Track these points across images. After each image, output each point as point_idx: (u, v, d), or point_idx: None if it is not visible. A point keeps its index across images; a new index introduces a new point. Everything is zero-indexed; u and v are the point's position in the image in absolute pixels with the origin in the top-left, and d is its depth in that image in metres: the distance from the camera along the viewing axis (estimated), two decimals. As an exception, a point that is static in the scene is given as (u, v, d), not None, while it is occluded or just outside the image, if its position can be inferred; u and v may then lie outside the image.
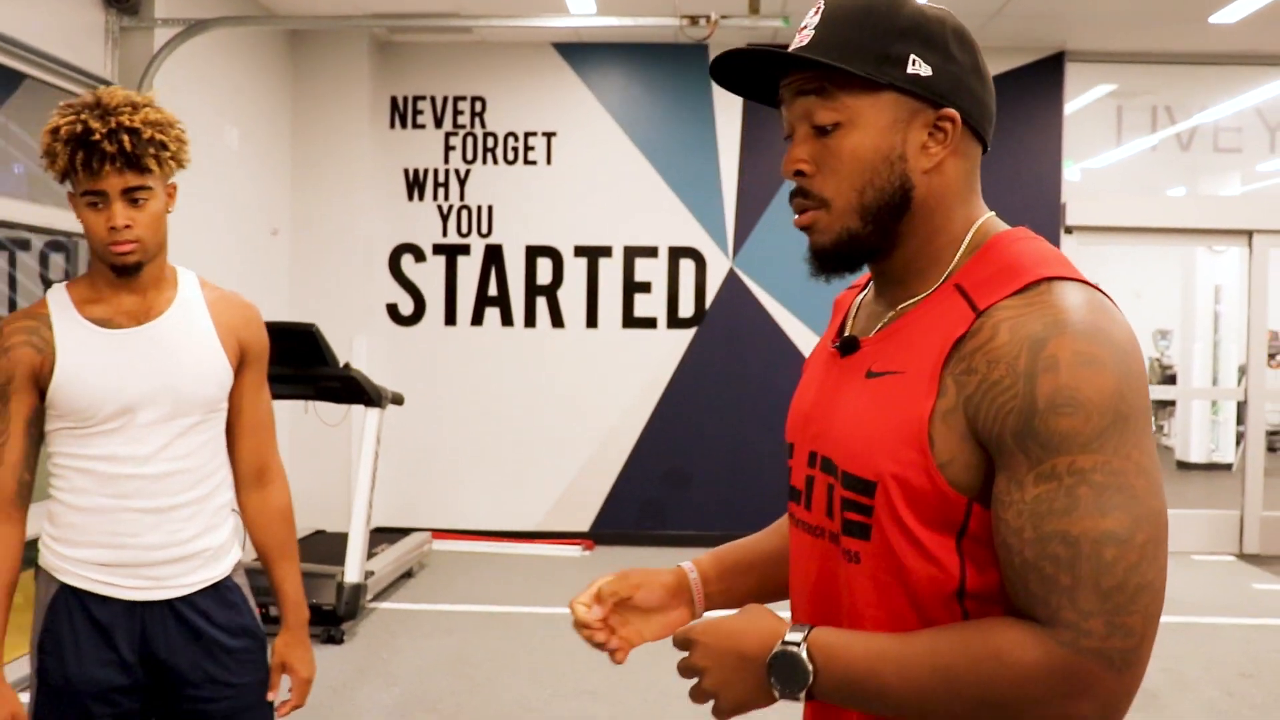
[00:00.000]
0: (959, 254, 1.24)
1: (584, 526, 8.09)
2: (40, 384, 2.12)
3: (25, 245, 6.35)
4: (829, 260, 1.26)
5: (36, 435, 2.18)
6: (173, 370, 2.17)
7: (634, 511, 8.05)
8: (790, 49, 1.24)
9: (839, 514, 1.24)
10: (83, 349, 2.13)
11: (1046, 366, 1.10)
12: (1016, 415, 1.10)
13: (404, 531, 7.27)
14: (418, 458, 7.91)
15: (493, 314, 8.09)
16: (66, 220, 5.45)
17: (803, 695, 1.16)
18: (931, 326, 1.20)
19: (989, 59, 1.28)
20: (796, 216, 1.28)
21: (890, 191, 1.22)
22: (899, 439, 1.17)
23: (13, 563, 2.18)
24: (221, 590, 2.27)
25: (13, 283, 5.51)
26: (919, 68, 1.21)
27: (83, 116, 2.08)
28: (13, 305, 5.43)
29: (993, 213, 1.29)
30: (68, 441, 2.16)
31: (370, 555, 6.13)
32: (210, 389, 2.21)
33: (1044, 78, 7.84)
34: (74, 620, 2.16)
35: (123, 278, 2.15)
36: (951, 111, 1.22)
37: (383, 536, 6.96)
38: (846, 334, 1.35)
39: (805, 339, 7.91)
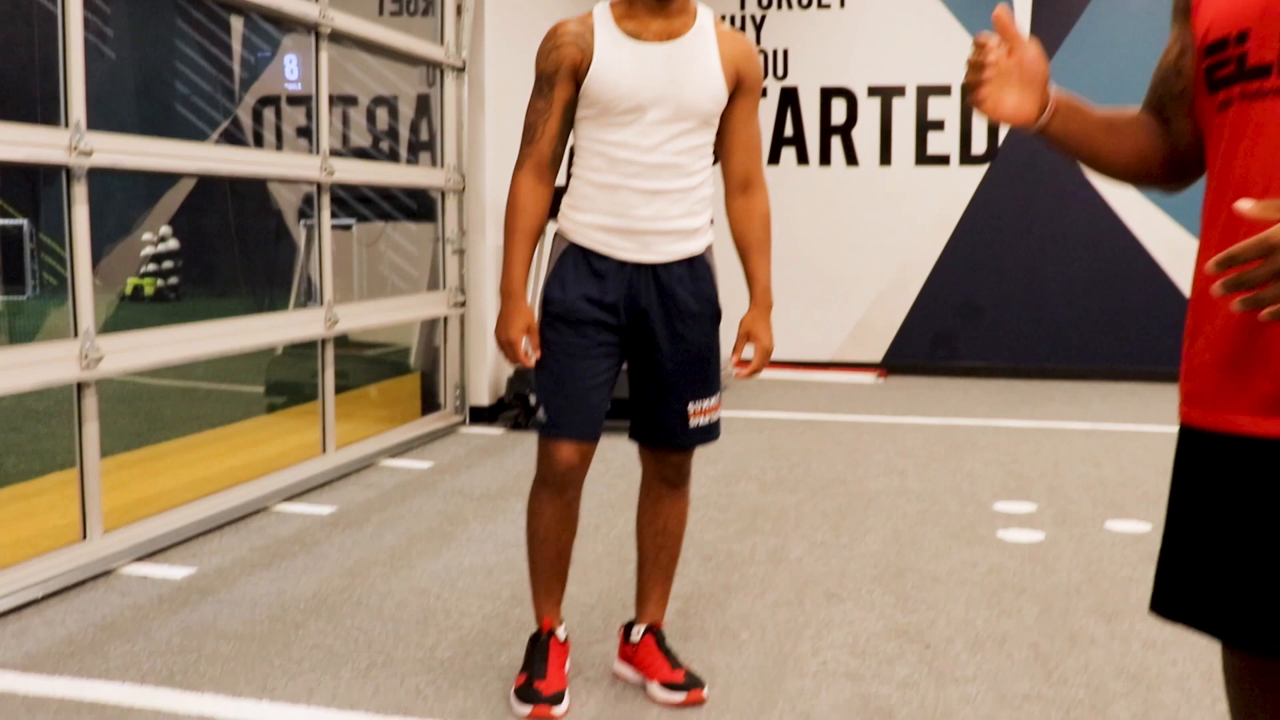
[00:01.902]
0: None
1: (877, 357, 8.40)
2: (578, 78, 2.64)
3: (353, 101, 7.06)
4: None
5: (569, 119, 2.71)
6: (680, 82, 2.63)
7: (926, 343, 8.29)
8: None
9: None
10: (614, 54, 2.63)
11: None
12: None
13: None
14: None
15: (789, 153, 8.42)
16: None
17: None
18: None
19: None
20: None
21: None
22: None
23: (544, 212, 2.76)
24: (695, 265, 2.79)
25: (345, 141, 6.15)
26: None
27: None
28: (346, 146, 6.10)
29: None
30: (591, 128, 2.68)
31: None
32: (707, 103, 2.67)
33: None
34: (578, 268, 2.72)
35: (660, 3, 2.63)
36: None
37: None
38: None
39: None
